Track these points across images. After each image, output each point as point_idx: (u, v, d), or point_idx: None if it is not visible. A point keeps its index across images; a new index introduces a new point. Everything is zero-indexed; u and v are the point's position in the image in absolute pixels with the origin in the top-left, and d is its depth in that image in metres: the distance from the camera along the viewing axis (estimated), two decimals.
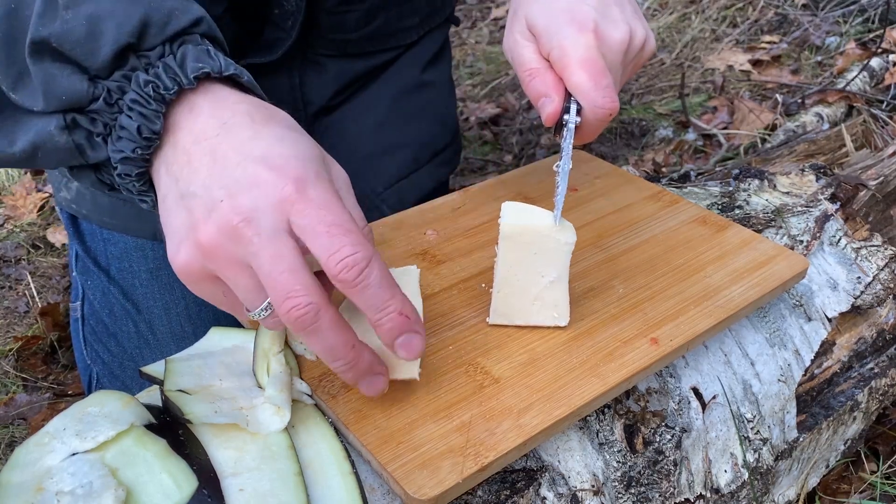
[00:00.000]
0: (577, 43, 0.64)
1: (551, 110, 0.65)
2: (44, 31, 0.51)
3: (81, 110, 0.53)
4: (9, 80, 0.53)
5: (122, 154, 0.53)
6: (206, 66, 0.53)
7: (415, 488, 0.49)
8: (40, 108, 0.52)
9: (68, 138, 0.53)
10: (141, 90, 0.52)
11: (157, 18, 0.52)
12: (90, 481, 0.45)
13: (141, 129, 0.52)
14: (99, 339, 0.94)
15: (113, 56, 0.51)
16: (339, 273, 0.47)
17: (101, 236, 0.94)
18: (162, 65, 0.52)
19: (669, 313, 0.64)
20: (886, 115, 1.46)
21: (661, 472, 0.64)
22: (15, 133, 0.54)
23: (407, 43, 1.05)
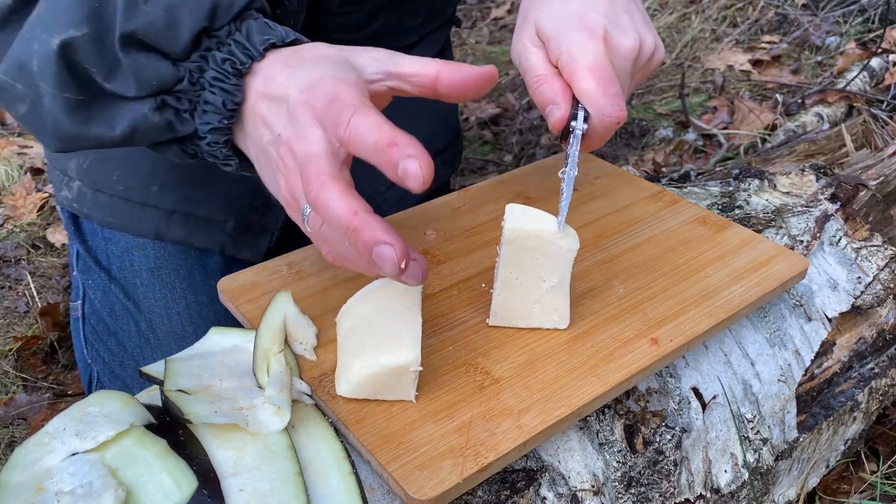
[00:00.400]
0: (587, 49, 0.64)
1: (558, 117, 0.65)
2: (130, 25, 0.56)
3: (169, 91, 0.58)
4: (103, 72, 0.58)
5: (210, 125, 0.59)
6: (271, 37, 0.59)
7: (415, 488, 0.49)
8: (134, 94, 0.58)
9: (161, 117, 0.59)
10: (220, 68, 0.58)
11: (223, 1, 0.57)
12: (90, 481, 0.45)
13: (225, 102, 0.58)
14: (100, 339, 0.94)
15: (191, 40, 0.57)
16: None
17: (102, 235, 0.94)
18: (233, 42, 0.58)
19: (669, 313, 0.64)
20: (886, 115, 1.46)
21: (661, 472, 0.64)
22: (113, 118, 0.60)
23: (408, 44, 1.05)
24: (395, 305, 0.56)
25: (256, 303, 0.64)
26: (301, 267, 0.69)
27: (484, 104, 1.86)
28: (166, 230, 0.92)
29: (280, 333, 0.58)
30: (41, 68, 0.58)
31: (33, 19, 0.59)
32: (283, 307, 0.61)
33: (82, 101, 0.60)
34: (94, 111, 0.60)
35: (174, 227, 0.92)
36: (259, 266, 0.69)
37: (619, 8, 0.68)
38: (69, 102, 0.59)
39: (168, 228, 0.92)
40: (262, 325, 0.58)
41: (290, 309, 0.61)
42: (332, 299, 0.65)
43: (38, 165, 1.68)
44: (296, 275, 0.68)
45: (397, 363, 0.53)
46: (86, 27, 0.56)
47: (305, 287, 0.66)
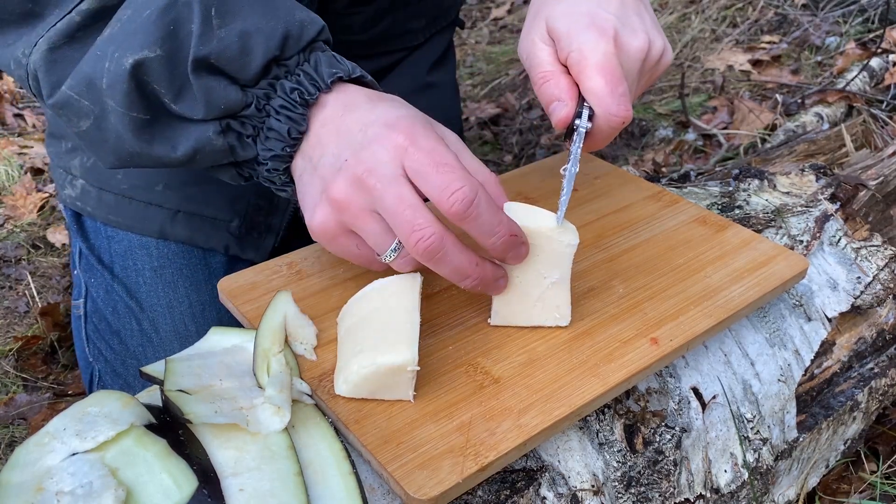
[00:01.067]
0: (597, 48, 0.65)
1: (564, 114, 0.66)
2: (204, 49, 0.57)
3: (234, 116, 0.60)
4: (172, 93, 0.59)
5: (273, 153, 0.61)
6: (339, 70, 0.61)
7: (415, 488, 0.49)
8: (201, 117, 0.59)
9: (224, 141, 0.60)
10: (287, 97, 0.59)
11: (294, 31, 0.59)
12: (90, 481, 0.45)
13: (290, 130, 0.60)
14: (102, 337, 0.94)
15: (262, 68, 0.58)
16: (452, 207, 0.54)
17: (105, 234, 0.94)
18: (302, 73, 0.60)
19: (669, 313, 0.64)
20: (886, 115, 1.46)
21: (661, 472, 0.64)
22: (176, 139, 0.61)
23: (412, 45, 1.06)
24: (394, 305, 0.56)
25: (256, 303, 0.64)
26: (301, 267, 0.69)
27: (484, 104, 1.86)
28: (170, 229, 0.92)
29: (280, 333, 0.58)
30: (111, 86, 0.58)
31: (106, 37, 0.59)
32: (283, 307, 0.61)
33: (148, 121, 0.60)
34: (158, 131, 0.61)
35: (178, 227, 0.92)
36: (259, 266, 0.69)
37: (629, 9, 0.68)
38: (135, 121, 0.60)
39: (172, 228, 0.92)
40: (262, 325, 0.58)
41: (290, 309, 0.61)
42: (332, 299, 0.65)
43: (38, 165, 1.69)
44: (296, 275, 0.68)
45: (394, 363, 0.53)
46: (159, 49, 0.57)
47: (305, 287, 0.66)
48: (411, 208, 0.54)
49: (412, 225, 0.54)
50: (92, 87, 0.59)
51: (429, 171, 0.55)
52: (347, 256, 0.61)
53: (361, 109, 0.59)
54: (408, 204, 0.54)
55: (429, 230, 0.54)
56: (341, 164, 0.57)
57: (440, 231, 0.54)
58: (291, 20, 0.59)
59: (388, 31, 1.00)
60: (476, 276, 0.57)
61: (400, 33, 1.03)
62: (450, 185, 0.54)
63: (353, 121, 0.59)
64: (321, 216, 0.58)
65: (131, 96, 0.58)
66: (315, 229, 0.59)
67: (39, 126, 1.87)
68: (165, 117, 0.61)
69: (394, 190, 0.55)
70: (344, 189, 0.56)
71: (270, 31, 0.58)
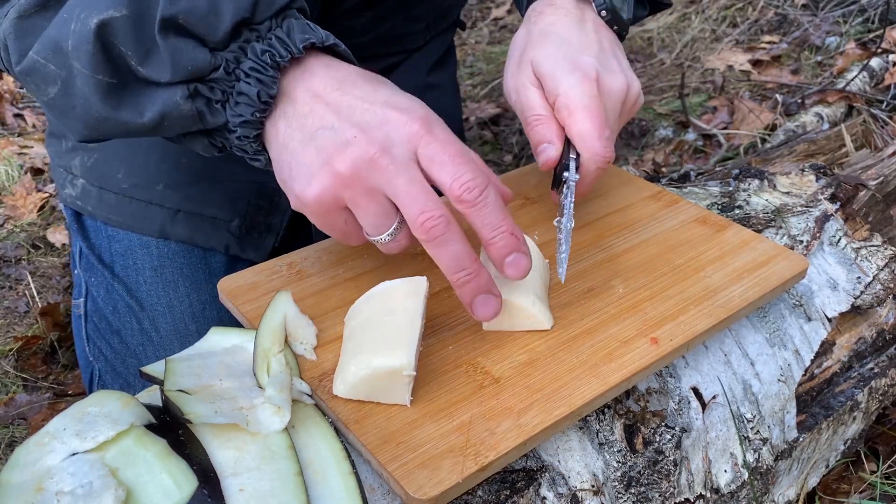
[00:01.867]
0: (582, 91, 0.68)
1: (553, 155, 0.69)
2: (172, 9, 0.55)
3: (202, 80, 0.58)
4: (139, 55, 0.57)
5: (242, 118, 0.59)
6: (312, 37, 0.59)
7: (415, 488, 0.49)
8: (167, 80, 0.58)
9: (192, 106, 0.59)
10: (258, 59, 0.58)
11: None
12: (90, 481, 0.45)
13: (260, 94, 0.58)
14: (102, 336, 0.94)
15: (231, 29, 0.57)
16: (462, 194, 0.55)
17: (106, 233, 0.94)
18: (273, 36, 0.58)
19: (669, 313, 0.64)
20: (886, 115, 1.46)
21: (661, 472, 0.64)
22: (143, 104, 0.59)
23: (413, 47, 1.06)
24: (398, 308, 0.56)
25: (256, 303, 0.64)
26: (301, 267, 0.69)
27: (484, 104, 1.86)
28: (171, 229, 0.92)
29: (280, 333, 0.58)
30: (76, 48, 0.57)
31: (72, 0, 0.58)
32: (283, 307, 0.61)
33: (114, 85, 0.59)
34: (125, 95, 0.60)
35: (179, 226, 0.92)
36: (259, 266, 0.69)
37: (607, 52, 0.73)
38: (101, 84, 0.58)
39: (173, 227, 0.92)
40: (262, 325, 0.58)
41: (290, 309, 0.61)
42: (332, 299, 0.65)
43: (38, 165, 1.69)
44: (296, 275, 0.68)
45: (390, 366, 0.52)
46: (125, 9, 0.56)
47: (305, 287, 0.66)
48: (424, 192, 0.55)
49: (423, 205, 0.55)
50: (58, 51, 0.58)
51: (444, 159, 0.56)
52: (330, 231, 0.61)
53: (361, 88, 0.59)
54: (420, 187, 0.55)
55: (437, 212, 0.55)
56: (348, 139, 0.56)
57: (448, 215, 0.55)
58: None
59: (389, 33, 1.00)
60: (472, 269, 0.56)
61: (401, 36, 1.03)
62: (464, 173, 0.55)
63: (355, 97, 0.58)
64: (318, 188, 0.57)
65: (97, 57, 0.57)
66: (309, 200, 0.58)
67: (39, 126, 1.87)
68: (132, 82, 0.59)
69: (408, 173, 0.55)
70: (353, 164, 0.55)
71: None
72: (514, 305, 0.60)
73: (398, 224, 0.58)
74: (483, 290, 0.57)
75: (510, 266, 0.57)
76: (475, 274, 0.56)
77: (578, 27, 0.74)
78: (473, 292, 0.57)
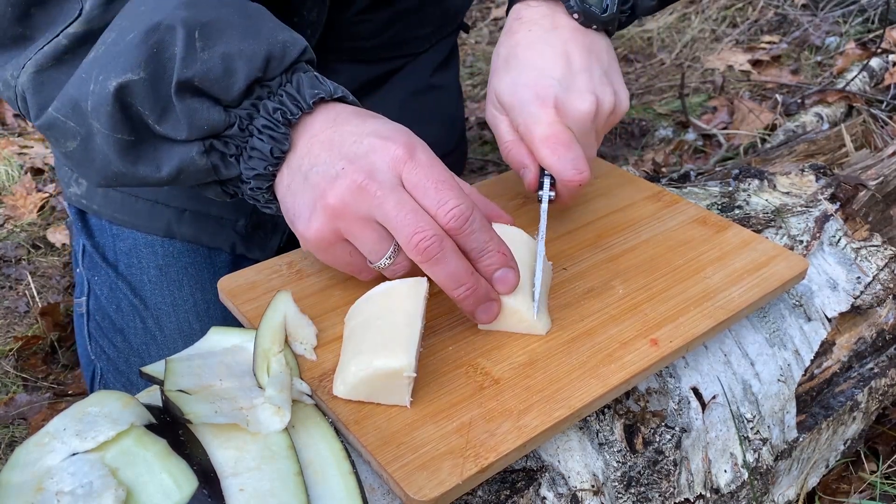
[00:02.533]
0: (539, 119, 0.68)
1: (530, 178, 0.70)
2: (188, 72, 0.57)
3: (217, 135, 0.60)
4: (156, 115, 0.59)
5: (255, 171, 0.61)
6: (321, 91, 0.61)
7: (415, 489, 0.49)
8: (184, 137, 0.60)
9: (207, 161, 0.61)
10: (270, 116, 0.60)
11: (276, 53, 0.60)
12: (90, 481, 0.45)
13: (273, 150, 0.60)
14: (104, 335, 0.94)
15: (244, 89, 0.59)
16: (448, 222, 0.56)
17: (111, 232, 0.94)
18: (284, 93, 0.60)
19: (669, 314, 0.64)
20: (886, 115, 1.46)
21: (660, 472, 0.64)
22: (160, 160, 0.62)
23: (419, 51, 1.06)
24: (398, 310, 0.56)
25: (256, 302, 0.64)
26: (301, 266, 0.69)
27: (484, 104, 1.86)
28: (177, 228, 0.92)
29: (280, 333, 0.58)
30: (95, 108, 0.59)
31: (90, 60, 0.59)
32: (283, 307, 0.61)
33: (132, 142, 0.61)
34: (143, 152, 0.61)
35: (185, 225, 0.92)
36: (259, 265, 0.69)
37: (574, 68, 0.70)
38: (120, 143, 0.60)
39: (179, 226, 0.92)
40: (262, 324, 0.58)
41: (290, 308, 0.61)
42: (332, 299, 0.65)
43: (38, 165, 1.68)
44: (296, 274, 0.68)
45: (390, 367, 0.52)
46: (143, 72, 0.57)
47: (305, 287, 0.66)
48: (413, 212, 0.56)
49: (414, 227, 0.55)
50: (77, 110, 0.60)
51: (427, 186, 0.56)
52: (338, 265, 0.62)
53: (352, 123, 0.60)
54: (409, 208, 0.56)
55: (430, 232, 0.55)
56: (337, 172, 0.57)
57: (441, 234, 0.56)
58: (274, 42, 0.60)
59: (396, 37, 1.01)
60: (470, 284, 0.57)
61: (407, 40, 1.03)
62: (448, 200, 0.56)
63: (344, 132, 0.60)
64: (317, 224, 0.58)
65: (115, 118, 0.59)
66: (311, 238, 0.59)
67: None
68: (150, 138, 0.61)
69: (395, 196, 0.56)
70: (342, 195, 0.57)
71: (253, 53, 0.59)
72: (511, 308, 0.61)
73: (395, 247, 0.58)
74: (483, 301, 0.59)
75: (499, 282, 0.59)
76: (474, 288, 0.58)
77: (544, 44, 0.71)
78: (474, 304, 0.58)
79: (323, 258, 0.62)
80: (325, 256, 0.61)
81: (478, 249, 0.58)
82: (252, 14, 0.61)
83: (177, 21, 0.57)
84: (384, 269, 0.59)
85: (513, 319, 0.61)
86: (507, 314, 0.61)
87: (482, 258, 0.58)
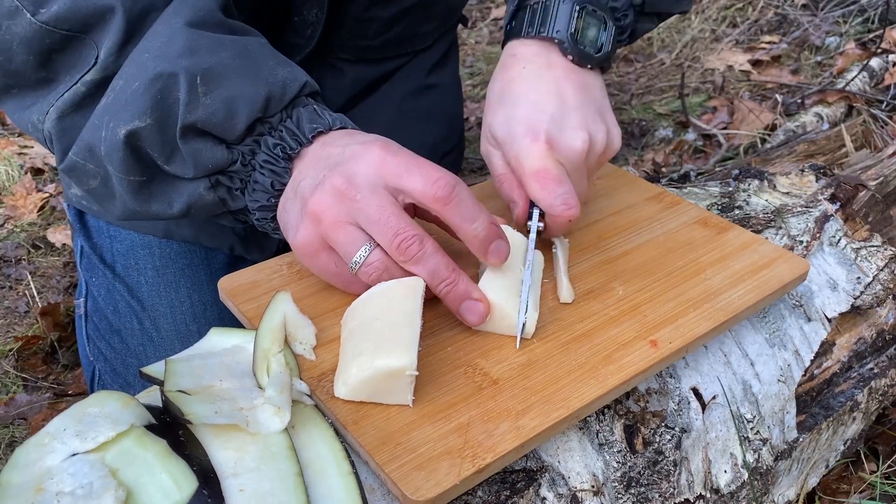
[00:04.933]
0: (530, 154, 0.68)
1: (517, 213, 0.71)
2: (191, 117, 0.60)
3: (222, 171, 0.63)
4: (164, 157, 0.63)
5: (259, 203, 0.64)
6: (319, 125, 0.63)
7: (412, 489, 0.49)
8: (191, 175, 0.63)
9: (214, 195, 0.64)
10: (270, 152, 0.63)
11: (276, 92, 0.62)
12: (90, 482, 0.45)
13: (273, 183, 0.63)
14: (102, 336, 0.94)
15: (246, 128, 0.62)
16: (436, 192, 0.57)
17: (108, 233, 0.94)
18: (284, 129, 0.63)
19: (669, 315, 0.64)
20: (886, 115, 1.46)
21: (660, 472, 0.64)
22: (171, 196, 0.65)
23: (421, 48, 1.06)
24: (396, 309, 0.56)
25: (256, 302, 0.64)
26: (301, 267, 0.69)
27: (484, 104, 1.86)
28: (176, 229, 0.92)
29: (280, 333, 0.58)
30: (108, 153, 0.62)
31: (102, 107, 0.62)
32: (283, 307, 0.61)
33: (144, 182, 0.64)
34: (155, 190, 0.65)
35: (184, 227, 0.92)
36: (259, 265, 0.69)
37: (568, 105, 0.70)
38: (132, 184, 0.64)
39: (178, 227, 0.92)
40: (262, 325, 0.58)
41: (290, 309, 0.61)
42: (331, 299, 0.65)
43: (38, 165, 1.69)
44: (296, 274, 0.68)
45: (392, 367, 0.53)
46: (149, 118, 0.60)
47: (305, 287, 0.66)
48: (395, 215, 0.57)
49: (396, 229, 0.57)
50: (93, 154, 0.63)
51: (411, 169, 0.58)
52: (326, 275, 0.63)
53: (340, 140, 0.62)
54: (390, 211, 0.57)
55: (411, 232, 0.57)
56: (320, 181, 0.59)
57: (421, 233, 0.58)
58: (274, 81, 0.62)
59: (401, 34, 1.01)
60: (452, 279, 0.59)
61: (411, 36, 1.04)
62: (432, 173, 0.57)
63: (331, 148, 0.62)
64: (303, 232, 0.60)
65: (127, 162, 0.62)
66: (298, 246, 0.61)
67: None
68: (160, 177, 0.65)
69: (375, 199, 0.57)
70: (323, 201, 0.58)
71: (253, 94, 0.61)
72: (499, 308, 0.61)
73: (368, 247, 0.59)
74: (465, 297, 0.59)
75: (493, 253, 0.60)
76: (454, 282, 0.59)
77: (538, 80, 0.71)
78: (456, 300, 0.60)
79: (311, 267, 0.63)
80: (312, 264, 0.63)
81: (469, 219, 0.58)
82: (251, 54, 0.64)
83: (179, 69, 0.60)
84: (358, 269, 0.60)
85: (502, 322, 0.61)
86: (495, 316, 0.61)
87: (475, 229, 0.59)
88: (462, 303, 0.60)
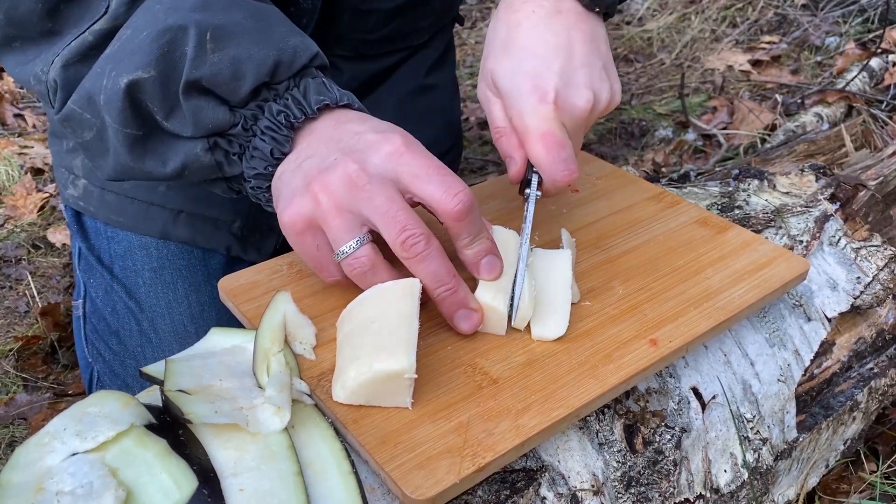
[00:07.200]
0: (537, 114, 0.66)
1: (514, 171, 0.70)
2: (196, 73, 0.59)
3: (222, 134, 0.61)
4: (164, 112, 0.61)
5: (255, 171, 0.62)
6: (326, 98, 0.62)
7: (412, 488, 0.49)
8: (189, 134, 0.61)
9: (211, 157, 0.62)
10: (273, 118, 0.61)
11: (286, 58, 0.61)
12: (90, 481, 0.45)
13: (273, 151, 0.61)
14: (100, 337, 0.94)
15: (251, 91, 0.60)
16: (455, 206, 0.57)
17: (106, 234, 0.94)
18: (290, 97, 0.61)
19: (669, 315, 0.64)
20: (886, 115, 1.46)
21: (660, 472, 0.64)
22: (166, 155, 0.63)
23: (419, 43, 1.06)
24: (393, 311, 0.56)
25: (256, 302, 0.64)
26: (301, 266, 0.69)
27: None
28: (173, 230, 0.92)
29: (280, 333, 0.58)
30: (107, 102, 0.60)
31: (106, 55, 0.61)
32: (283, 307, 0.61)
33: (140, 137, 0.62)
34: (150, 147, 0.63)
35: (181, 227, 0.92)
36: (259, 265, 0.69)
37: (575, 62, 0.68)
38: (128, 137, 0.62)
39: (175, 228, 0.92)
40: (262, 324, 0.58)
41: (290, 308, 0.61)
42: (331, 299, 0.65)
43: (38, 165, 1.69)
44: (296, 274, 0.68)
45: (391, 370, 0.52)
46: (153, 70, 0.59)
47: (305, 286, 0.66)
48: (403, 210, 0.56)
49: (404, 223, 0.56)
50: (91, 102, 0.61)
51: (430, 173, 0.57)
52: (305, 256, 0.62)
53: (353, 123, 0.61)
54: (399, 206, 0.56)
55: (418, 230, 0.56)
56: (330, 163, 0.58)
57: (428, 233, 0.57)
58: (284, 47, 0.61)
59: (399, 29, 1.01)
60: (452, 285, 0.58)
61: (409, 31, 1.04)
62: (454, 184, 0.57)
63: (344, 130, 0.60)
64: (296, 207, 0.58)
65: (125, 114, 0.60)
66: (285, 220, 0.59)
67: (39, 126, 1.87)
68: (157, 133, 0.62)
69: (385, 192, 0.56)
70: (329, 182, 0.57)
71: (262, 57, 0.59)
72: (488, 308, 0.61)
73: (360, 239, 0.58)
74: (462, 305, 0.59)
75: (486, 267, 0.61)
76: (454, 289, 0.58)
77: (547, 28, 0.69)
78: (453, 307, 0.59)
79: (292, 243, 0.61)
80: (294, 241, 0.61)
81: (475, 234, 0.59)
82: (264, 17, 0.62)
83: (190, 23, 0.59)
84: (344, 259, 0.59)
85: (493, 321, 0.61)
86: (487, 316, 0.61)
87: (475, 243, 0.59)
88: (458, 311, 0.59)
